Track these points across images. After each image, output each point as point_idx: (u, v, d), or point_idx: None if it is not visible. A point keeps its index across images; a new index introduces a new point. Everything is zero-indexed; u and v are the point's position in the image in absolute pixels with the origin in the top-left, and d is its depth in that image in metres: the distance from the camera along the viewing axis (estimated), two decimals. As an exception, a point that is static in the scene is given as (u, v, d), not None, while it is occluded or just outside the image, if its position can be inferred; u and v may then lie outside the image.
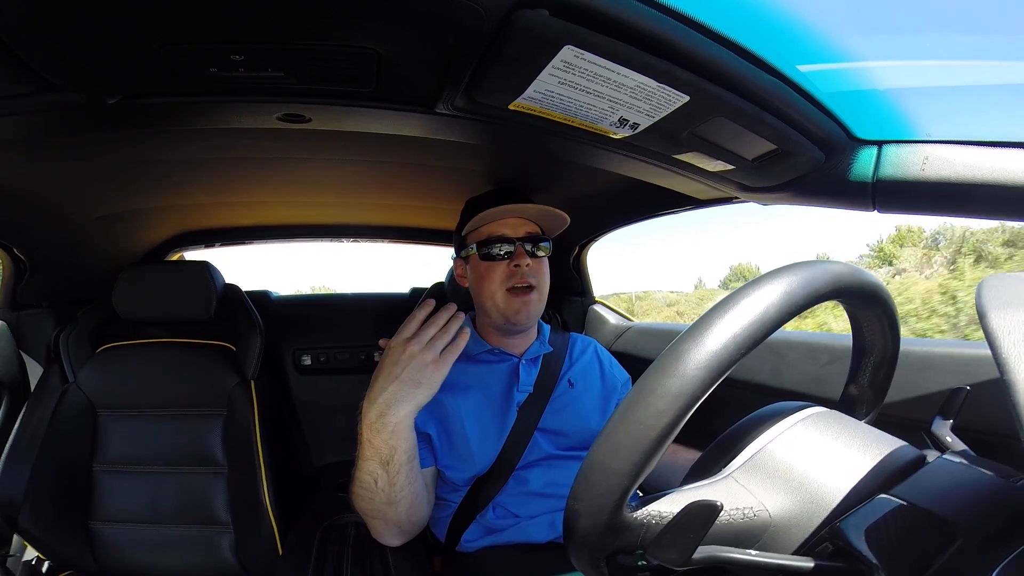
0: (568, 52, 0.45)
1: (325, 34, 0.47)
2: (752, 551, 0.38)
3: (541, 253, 0.93)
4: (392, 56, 0.50)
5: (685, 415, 0.36)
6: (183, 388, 1.17)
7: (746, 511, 0.40)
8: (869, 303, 0.46)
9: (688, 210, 1.12)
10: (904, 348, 0.51)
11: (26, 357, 1.22)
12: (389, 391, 0.71)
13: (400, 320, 0.76)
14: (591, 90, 0.52)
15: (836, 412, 0.47)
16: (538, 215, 0.94)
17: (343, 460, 0.77)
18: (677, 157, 0.69)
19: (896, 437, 0.44)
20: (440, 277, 1.44)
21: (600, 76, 0.49)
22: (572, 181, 1.09)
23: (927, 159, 0.58)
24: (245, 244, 1.75)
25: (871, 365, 0.51)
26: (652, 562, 0.39)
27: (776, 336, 0.38)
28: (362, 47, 0.48)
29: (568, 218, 0.94)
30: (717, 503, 0.36)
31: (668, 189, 0.88)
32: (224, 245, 1.72)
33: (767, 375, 0.98)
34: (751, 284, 0.38)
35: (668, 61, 0.48)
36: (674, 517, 0.37)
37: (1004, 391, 0.31)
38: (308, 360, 1.61)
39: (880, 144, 0.63)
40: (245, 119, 0.63)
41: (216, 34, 0.46)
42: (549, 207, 0.92)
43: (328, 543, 0.98)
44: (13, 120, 0.59)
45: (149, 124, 0.66)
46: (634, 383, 0.38)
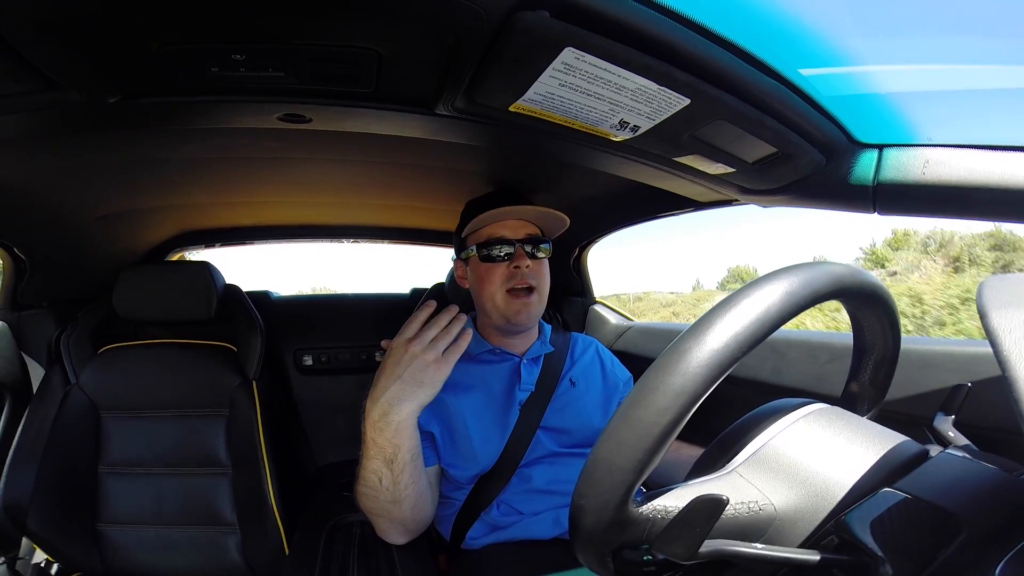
0: (569, 54, 0.45)
1: (325, 34, 0.47)
2: (758, 544, 0.38)
3: (541, 254, 0.94)
4: (392, 56, 0.50)
5: (688, 412, 0.36)
6: (185, 389, 1.17)
7: (751, 505, 0.40)
8: (869, 303, 0.46)
9: (688, 212, 1.12)
10: (905, 346, 0.52)
11: (27, 358, 1.22)
12: (392, 390, 0.71)
13: (401, 320, 0.76)
14: (592, 92, 0.52)
15: (839, 408, 0.47)
16: (538, 217, 0.94)
17: (345, 460, 0.77)
18: (677, 160, 0.69)
19: (899, 432, 0.44)
20: (440, 278, 1.44)
21: (601, 78, 0.49)
22: (572, 183, 1.09)
23: (928, 162, 0.58)
24: (245, 244, 1.76)
25: (872, 364, 0.51)
26: (658, 557, 0.40)
27: (777, 335, 0.38)
28: (362, 47, 0.48)
29: (568, 220, 0.94)
30: (723, 497, 0.36)
31: (668, 191, 0.88)
32: (224, 245, 1.72)
33: (768, 373, 0.98)
34: (753, 283, 0.38)
35: (669, 64, 0.48)
36: (680, 511, 0.37)
37: (1006, 387, 0.31)
38: (309, 360, 1.61)
39: (881, 147, 0.63)
40: (245, 119, 0.64)
41: (217, 34, 0.46)
42: (549, 209, 0.92)
43: (334, 542, 0.98)
44: (13, 119, 0.59)
45: (149, 124, 0.66)
46: (636, 382, 0.38)
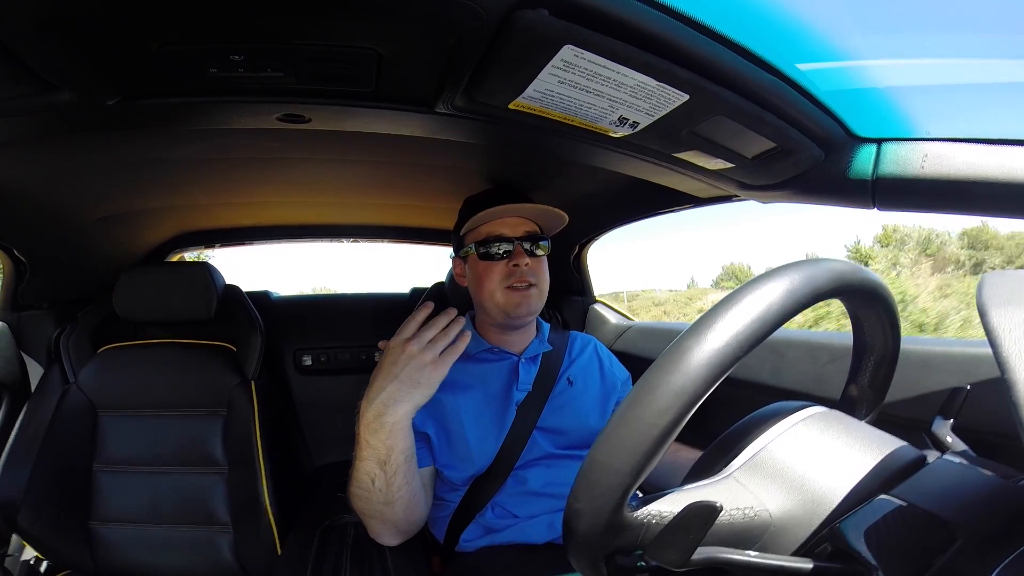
0: (568, 51, 0.45)
1: (325, 34, 0.47)
2: (751, 552, 0.38)
3: (540, 252, 0.93)
4: (392, 56, 0.50)
5: (687, 413, 0.35)
6: (183, 388, 1.17)
7: (747, 511, 0.39)
8: (870, 302, 0.46)
9: (688, 208, 1.12)
10: (904, 347, 0.51)
11: (27, 358, 1.22)
12: (387, 391, 0.71)
13: (400, 320, 0.76)
14: (591, 89, 0.52)
15: (837, 412, 0.47)
16: (537, 214, 0.94)
17: (343, 460, 0.77)
18: (677, 156, 0.69)
19: (896, 437, 0.44)
20: (440, 277, 1.44)
21: (600, 75, 0.49)
22: (572, 180, 1.09)
23: (927, 157, 0.58)
24: (245, 244, 1.76)
25: (871, 365, 0.51)
26: (651, 563, 0.39)
27: (776, 335, 0.38)
28: (362, 47, 0.48)
29: (567, 217, 0.94)
30: (717, 504, 0.35)
31: (668, 187, 0.88)
32: (224, 245, 1.72)
33: (767, 374, 0.98)
34: (754, 281, 0.38)
35: (668, 60, 0.48)
36: (674, 518, 0.37)
37: (1005, 390, 0.30)
38: (308, 360, 1.61)
39: (880, 142, 0.63)
40: (245, 119, 0.63)
41: (216, 34, 0.46)
42: (548, 206, 0.92)
43: (327, 543, 0.98)
44: (13, 121, 0.59)
45: (149, 124, 0.66)
46: (635, 382, 0.38)
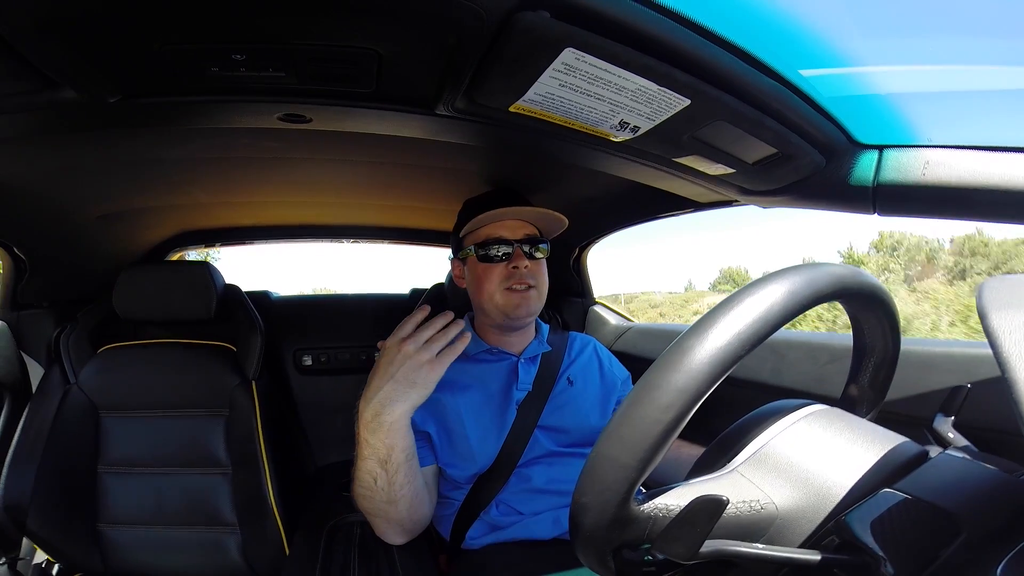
0: (569, 54, 0.45)
1: (325, 34, 0.47)
2: (758, 544, 0.38)
3: (539, 255, 0.94)
4: (392, 57, 0.50)
5: (691, 409, 0.36)
6: (184, 389, 1.17)
7: (753, 504, 0.40)
8: (870, 304, 0.46)
9: (688, 213, 1.12)
10: (905, 348, 0.52)
11: (27, 357, 1.22)
12: (384, 391, 0.71)
13: (400, 321, 0.76)
14: (592, 93, 0.52)
15: (838, 409, 0.47)
16: (536, 217, 0.94)
17: (345, 460, 0.78)
18: (677, 160, 0.69)
19: (898, 433, 0.44)
20: (440, 278, 1.44)
21: (601, 79, 0.49)
22: (573, 183, 1.09)
23: (928, 163, 0.58)
24: (245, 244, 1.76)
25: (872, 366, 0.51)
26: (658, 556, 0.40)
27: (777, 336, 0.39)
28: (362, 47, 0.48)
29: (566, 220, 0.94)
30: (723, 497, 0.36)
31: (668, 192, 0.88)
32: (224, 245, 1.72)
33: (768, 374, 0.98)
34: (756, 283, 0.38)
35: (669, 64, 0.48)
36: (680, 511, 0.37)
37: (1005, 389, 0.31)
38: (309, 360, 1.61)
39: (881, 148, 0.63)
40: (246, 119, 0.63)
41: (217, 34, 0.46)
42: (548, 210, 0.92)
43: (334, 542, 0.98)
44: (13, 118, 0.59)
45: (150, 123, 0.66)
46: (635, 383, 0.38)
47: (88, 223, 1.17)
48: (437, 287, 1.44)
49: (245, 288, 1.33)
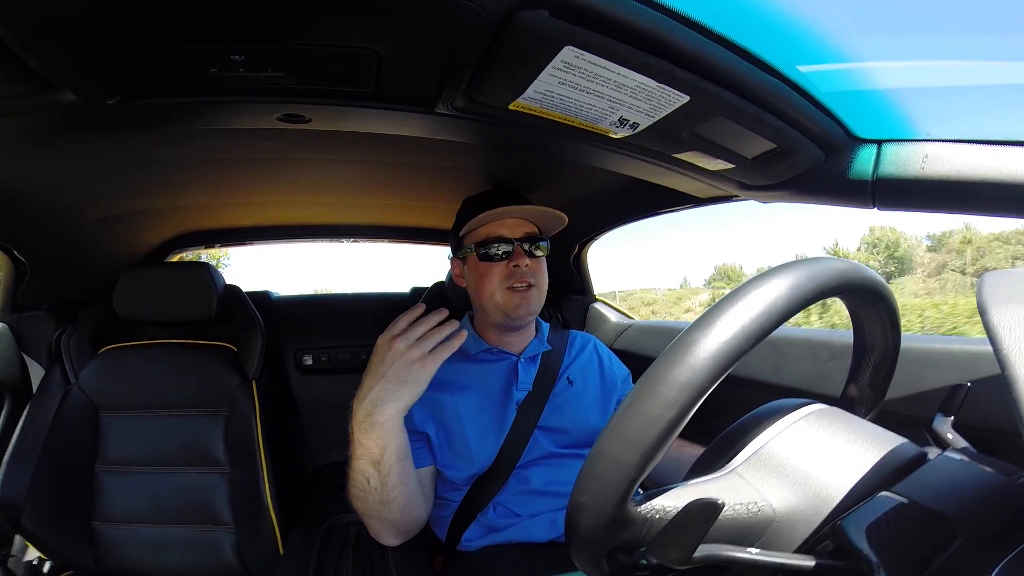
0: (568, 52, 0.45)
1: (325, 34, 0.47)
2: (753, 549, 0.38)
3: (539, 253, 0.93)
4: (392, 56, 0.50)
5: (693, 406, 0.36)
6: (184, 388, 1.17)
7: (750, 506, 0.40)
8: (871, 301, 0.46)
9: (688, 208, 1.12)
10: (904, 345, 0.51)
11: (27, 359, 1.22)
12: (376, 390, 0.70)
13: None
14: (591, 90, 0.52)
15: (838, 409, 0.47)
16: (536, 215, 0.94)
17: (344, 460, 0.78)
18: (677, 156, 0.69)
19: (897, 434, 0.44)
20: (440, 277, 1.44)
21: (600, 76, 0.49)
22: (572, 180, 1.09)
23: (927, 157, 0.58)
24: (245, 244, 1.76)
25: (872, 364, 0.51)
26: (652, 560, 0.39)
27: (777, 333, 0.38)
28: (362, 47, 0.48)
29: (566, 218, 0.94)
30: (718, 501, 0.35)
31: (668, 188, 0.88)
32: (224, 246, 1.72)
33: (768, 372, 0.98)
34: (759, 278, 0.38)
35: (668, 61, 0.48)
36: (676, 514, 0.37)
37: (1005, 387, 0.31)
38: (309, 360, 1.61)
39: (880, 143, 0.63)
40: (245, 119, 0.63)
41: (216, 34, 0.46)
42: (547, 208, 0.92)
43: (329, 543, 0.98)
44: (13, 120, 0.59)
45: (149, 124, 0.65)
46: (635, 380, 0.38)
47: (88, 225, 1.17)
48: (438, 286, 1.44)
49: (253, 289, 1.33)
